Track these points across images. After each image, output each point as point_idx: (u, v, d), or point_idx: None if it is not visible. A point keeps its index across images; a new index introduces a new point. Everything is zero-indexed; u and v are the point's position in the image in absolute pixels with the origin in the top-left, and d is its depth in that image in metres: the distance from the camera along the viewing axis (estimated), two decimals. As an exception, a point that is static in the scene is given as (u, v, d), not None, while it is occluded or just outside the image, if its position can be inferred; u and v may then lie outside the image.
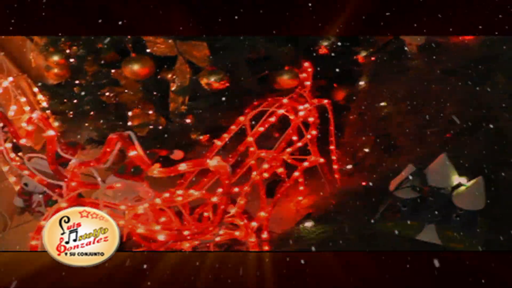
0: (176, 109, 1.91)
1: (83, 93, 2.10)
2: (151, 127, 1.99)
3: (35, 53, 2.30)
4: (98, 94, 2.04)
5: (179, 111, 1.91)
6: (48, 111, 2.30)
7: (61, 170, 1.31)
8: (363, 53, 2.00)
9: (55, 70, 2.04)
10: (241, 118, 1.69)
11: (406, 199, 1.29)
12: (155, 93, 1.96)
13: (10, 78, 2.32)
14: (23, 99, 2.36)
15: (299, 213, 1.89)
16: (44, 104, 2.37)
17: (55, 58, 1.97)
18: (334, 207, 1.47)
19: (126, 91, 2.01)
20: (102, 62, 2.00)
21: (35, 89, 2.46)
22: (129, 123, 2.03)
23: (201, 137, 1.97)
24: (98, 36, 1.88)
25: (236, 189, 1.68)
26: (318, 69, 1.90)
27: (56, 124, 2.28)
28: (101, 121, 2.13)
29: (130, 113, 2.02)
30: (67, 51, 1.99)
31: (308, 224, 1.35)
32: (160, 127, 1.98)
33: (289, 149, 1.75)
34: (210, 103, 1.86)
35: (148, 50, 1.84)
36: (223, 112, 1.87)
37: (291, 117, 1.72)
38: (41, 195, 1.94)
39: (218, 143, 1.66)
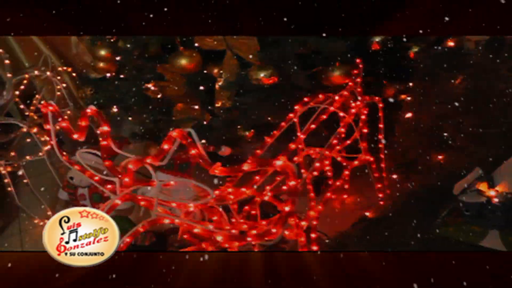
0: (222, 104, 1.88)
1: (127, 87, 2.09)
2: (195, 122, 1.97)
3: (80, 47, 2.31)
4: (143, 88, 2.03)
5: (224, 106, 1.89)
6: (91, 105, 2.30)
7: (114, 166, 1.30)
8: (415, 49, 1.93)
9: (101, 64, 2.03)
10: (291, 115, 1.65)
11: (470, 203, 1.23)
12: (201, 87, 1.94)
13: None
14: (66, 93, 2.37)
15: (346, 212, 1.84)
16: (87, 98, 2.38)
17: (102, 52, 1.97)
18: (389, 210, 1.43)
19: (171, 85, 1.99)
20: (147, 56, 1.99)
21: (79, 83, 2.47)
22: (174, 118, 2.01)
23: (246, 133, 1.94)
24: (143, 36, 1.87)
25: (284, 187, 1.65)
26: (369, 65, 1.85)
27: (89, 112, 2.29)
28: (145, 115, 2.12)
29: (174, 108, 2.01)
30: (115, 45, 1.97)
31: (365, 226, 1.31)
32: (205, 122, 1.96)
33: (338, 147, 1.71)
34: (257, 99, 1.82)
35: (196, 44, 1.82)
36: (269, 108, 1.83)
37: (341, 114, 1.67)
38: (86, 189, 1.95)
39: (269, 140, 1.62)
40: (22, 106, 2.29)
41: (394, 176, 1.81)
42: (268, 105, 1.80)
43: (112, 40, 1.97)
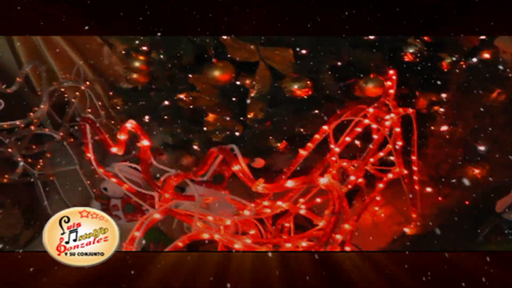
0: (254, 116, 1.89)
1: (159, 98, 2.12)
2: (227, 133, 1.98)
3: (113, 58, 2.35)
4: (175, 99, 2.05)
5: (257, 118, 1.89)
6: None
7: (154, 180, 1.32)
8: (448, 60, 1.92)
9: (134, 76, 2.06)
10: (325, 127, 1.65)
11: (512, 221, 1.22)
12: (233, 98, 1.95)
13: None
14: (98, 103, 2.41)
15: (380, 226, 1.83)
16: (119, 108, 2.41)
17: (137, 64, 1.99)
18: (425, 225, 1.41)
19: (203, 96, 2.01)
20: (180, 67, 2.01)
21: (110, 93, 2.51)
22: (205, 129, 2.03)
23: (278, 144, 1.95)
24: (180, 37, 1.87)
25: (318, 200, 1.65)
26: (402, 76, 1.84)
27: (129, 125, 2.32)
28: (176, 125, 2.15)
29: (206, 118, 2.02)
30: (148, 56, 2.00)
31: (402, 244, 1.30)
32: (237, 133, 1.97)
33: (371, 159, 1.70)
34: (290, 110, 1.83)
35: (229, 56, 1.83)
36: (302, 120, 1.83)
37: (374, 126, 1.67)
38: (119, 200, 1.98)
39: (303, 152, 1.62)
40: (55, 117, 2.35)
41: (429, 190, 1.80)
42: (301, 116, 1.81)
43: (145, 51, 1.99)
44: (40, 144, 2.23)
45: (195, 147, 2.11)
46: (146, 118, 2.21)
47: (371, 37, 1.73)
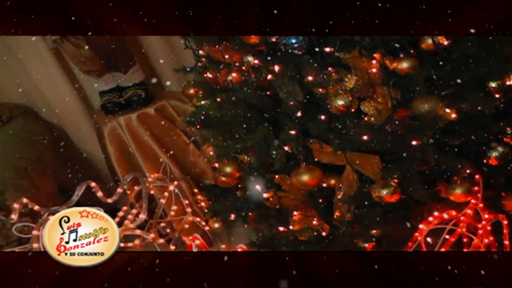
0: (341, 217, 2.01)
1: (245, 197, 2.29)
2: (314, 233, 2.09)
3: (200, 159, 2.57)
4: (261, 198, 2.20)
5: (344, 219, 2.00)
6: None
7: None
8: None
9: (223, 178, 2.24)
10: (416, 234, 1.74)
11: None
12: (320, 200, 2.08)
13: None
14: (185, 201, 2.59)
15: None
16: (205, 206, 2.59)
17: (228, 169, 2.17)
18: None
19: (289, 195, 2.15)
20: (266, 167, 2.19)
21: (195, 190, 2.71)
22: (291, 227, 2.15)
23: (365, 245, 2.03)
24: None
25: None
26: (487, 178, 1.92)
27: (216, 225, 2.48)
28: (261, 224, 2.29)
29: (292, 218, 2.15)
30: (239, 162, 2.18)
31: None
32: (324, 234, 2.07)
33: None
34: (378, 214, 1.93)
35: (316, 159, 1.99)
36: (391, 224, 1.92)
37: (460, 230, 1.73)
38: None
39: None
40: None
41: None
42: (390, 221, 1.90)
43: (237, 157, 2.18)
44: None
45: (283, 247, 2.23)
46: (232, 216, 2.37)
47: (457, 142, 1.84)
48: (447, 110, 1.67)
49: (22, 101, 3.33)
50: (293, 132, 1.93)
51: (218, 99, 2.03)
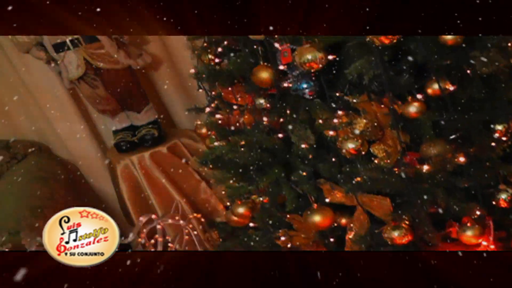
0: (353, 256, 2.05)
1: (257, 237, 2.34)
2: (325, 273, 2.13)
3: (212, 197, 2.64)
4: (273, 237, 2.25)
5: (355, 259, 2.05)
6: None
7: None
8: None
9: (235, 218, 2.30)
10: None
11: None
12: (331, 239, 2.13)
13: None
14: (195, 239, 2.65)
15: None
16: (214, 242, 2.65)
17: (240, 210, 2.23)
18: None
19: (300, 235, 2.20)
20: (279, 207, 2.25)
21: (206, 227, 2.77)
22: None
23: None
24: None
25: None
26: (497, 219, 1.96)
27: (228, 263, 2.52)
28: (273, 263, 2.33)
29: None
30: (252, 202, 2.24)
31: None
32: (334, 273, 2.11)
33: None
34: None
35: (327, 200, 2.04)
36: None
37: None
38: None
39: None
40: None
41: None
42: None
43: (249, 198, 2.24)
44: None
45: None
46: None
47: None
48: (455, 154, 1.73)
49: (36, 138, 3.44)
50: (304, 173, 1.99)
51: (231, 141, 2.11)
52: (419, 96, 1.75)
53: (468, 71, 1.75)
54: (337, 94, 1.88)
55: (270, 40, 1.94)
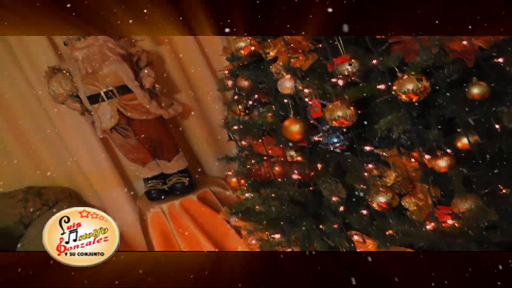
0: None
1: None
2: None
3: (243, 248, 2.70)
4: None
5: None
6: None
7: None
8: None
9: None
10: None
11: None
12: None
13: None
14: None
15: None
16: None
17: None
18: None
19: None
20: None
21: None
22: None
23: None
24: None
25: None
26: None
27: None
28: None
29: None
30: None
31: None
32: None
33: None
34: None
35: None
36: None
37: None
38: None
39: None
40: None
41: None
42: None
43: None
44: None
45: None
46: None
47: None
48: (487, 209, 1.78)
49: (67, 185, 3.58)
50: (335, 225, 2.05)
51: (262, 193, 2.19)
52: (448, 150, 1.81)
53: (497, 126, 1.81)
54: (367, 148, 1.95)
55: (300, 94, 2.05)
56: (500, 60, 1.81)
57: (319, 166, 1.97)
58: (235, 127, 2.49)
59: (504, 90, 1.84)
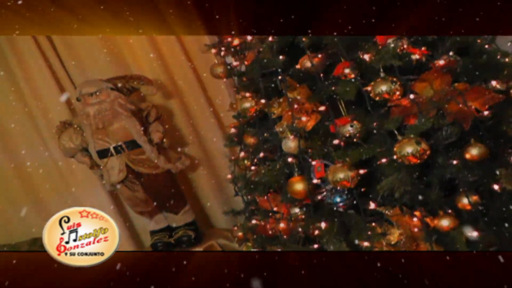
0: None
1: None
2: None
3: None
4: None
5: None
6: None
7: None
8: None
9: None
10: None
11: None
12: None
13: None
14: None
15: None
16: None
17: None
18: None
19: None
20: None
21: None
22: None
23: None
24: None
25: None
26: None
27: None
28: None
29: None
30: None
31: None
32: None
33: None
34: None
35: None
36: None
37: None
38: None
39: None
40: None
41: None
42: None
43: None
44: None
45: None
46: None
47: None
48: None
49: (75, 237, 3.64)
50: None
51: (268, 250, 2.26)
52: (449, 211, 1.88)
53: (496, 186, 1.88)
54: (370, 207, 2.02)
55: (304, 155, 2.14)
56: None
57: (323, 224, 2.04)
58: (241, 183, 2.58)
59: (502, 150, 1.92)
